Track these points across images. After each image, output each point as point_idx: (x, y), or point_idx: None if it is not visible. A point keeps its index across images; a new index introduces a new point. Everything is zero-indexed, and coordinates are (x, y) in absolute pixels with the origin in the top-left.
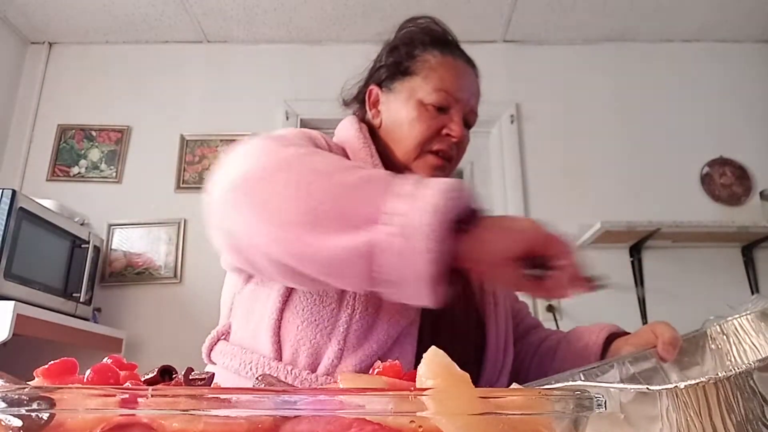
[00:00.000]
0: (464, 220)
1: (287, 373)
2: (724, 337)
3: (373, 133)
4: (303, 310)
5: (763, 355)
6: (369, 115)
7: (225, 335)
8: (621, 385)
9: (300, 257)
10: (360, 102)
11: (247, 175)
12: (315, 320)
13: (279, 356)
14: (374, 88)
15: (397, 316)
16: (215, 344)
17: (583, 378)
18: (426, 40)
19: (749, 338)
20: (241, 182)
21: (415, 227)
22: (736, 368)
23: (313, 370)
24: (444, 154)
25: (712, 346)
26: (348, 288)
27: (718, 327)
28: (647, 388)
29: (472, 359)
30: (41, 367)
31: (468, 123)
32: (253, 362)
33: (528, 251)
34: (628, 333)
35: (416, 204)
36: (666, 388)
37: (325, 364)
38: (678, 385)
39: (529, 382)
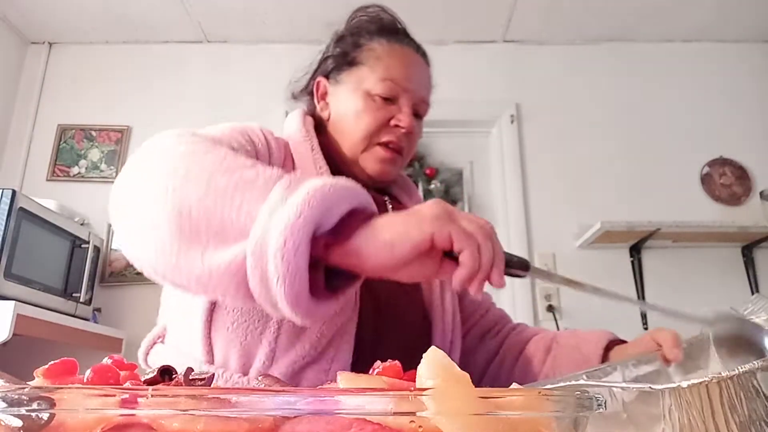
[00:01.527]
0: (352, 218)
1: (218, 377)
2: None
3: (323, 126)
4: (233, 312)
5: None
6: (318, 107)
7: (161, 338)
8: (623, 384)
9: (170, 271)
10: (309, 94)
11: (123, 182)
12: (245, 321)
13: (211, 359)
14: (321, 80)
15: (331, 315)
16: (151, 347)
17: (586, 379)
18: (372, 28)
19: None
20: (117, 191)
21: (266, 244)
22: (739, 368)
23: (245, 373)
24: (393, 146)
25: (718, 351)
26: (238, 304)
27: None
28: (650, 387)
29: (419, 351)
30: (41, 367)
31: (418, 113)
32: (186, 366)
33: (427, 248)
34: (625, 341)
35: (275, 216)
36: (669, 387)
37: (257, 366)
38: (681, 384)
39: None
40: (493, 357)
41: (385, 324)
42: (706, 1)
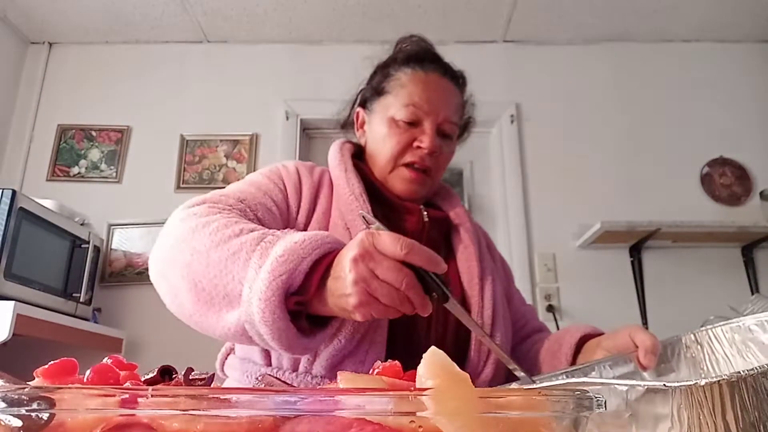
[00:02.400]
0: (320, 265)
1: (279, 377)
2: (699, 346)
3: (362, 153)
4: None
5: (735, 366)
6: (357, 135)
7: (232, 350)
8: (633, 382)
9: (203, 329)
10: (352, 125)
11: (155, 259)
12: None
13: (269, 362)
14: (360, 111)
15: (331, 336)
16: (225, 359)
17: (566, 378)
18: (401, 58)
19: (723, 348)
20: (152, 266)
21: (252, 314)
22: (757, 368)
23: (295, 369)
24: (418, 166)
25: (687, 355)
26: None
27: (692, 336)
28: (664, 385)
29: (451, 352)
30: (41, 367)
31: (444, 133)
32: (249, 371)
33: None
34: (602, 333)
35: (252, 290)
36: (683, 385)
37: (303, 363)
38: (698, 381)
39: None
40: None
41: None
42: (706, 2)
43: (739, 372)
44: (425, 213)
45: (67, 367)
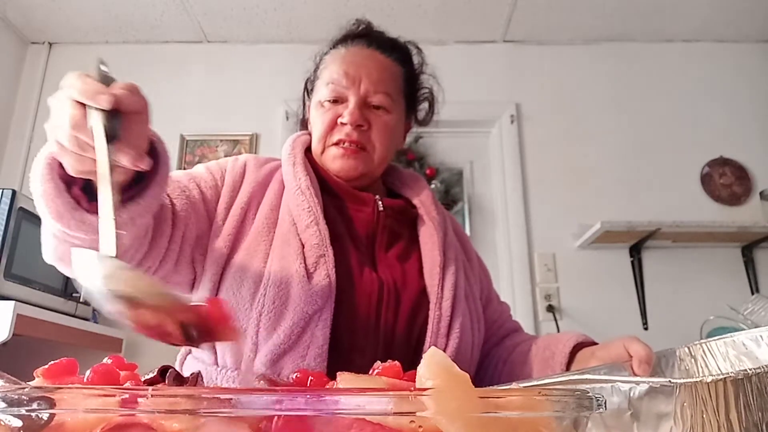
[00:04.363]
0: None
1: (222, 376)
2: (692, 359)
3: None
4: None
5: None
6: (309, 128)
7: (189, 352)
8: (638, 379)
9: (63, 258)
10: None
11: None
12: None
13: (215, 361)
14: (307, 103)
15: (301, 305)
16: (184, 359)
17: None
18: (332, 42)
19: (716, 362)
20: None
21: (33, 179)
22: (763, 367)
23: (238, 367)
24: (346, 143)
25: (681, 367)
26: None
27: (687, 349)
28: (669, 381)
29: (402, 343)
30: (41, 368)
31: (375, 105)
32: (203, 371)
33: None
34: (596, 343)
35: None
36: (688, 382)
37: (245, 360)
38: (703, 378)
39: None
40: (490, 362)
41: (367, 308)
42: (706, 1)
43: (745, 370)
44: (380, 202)
45: (67, 367)
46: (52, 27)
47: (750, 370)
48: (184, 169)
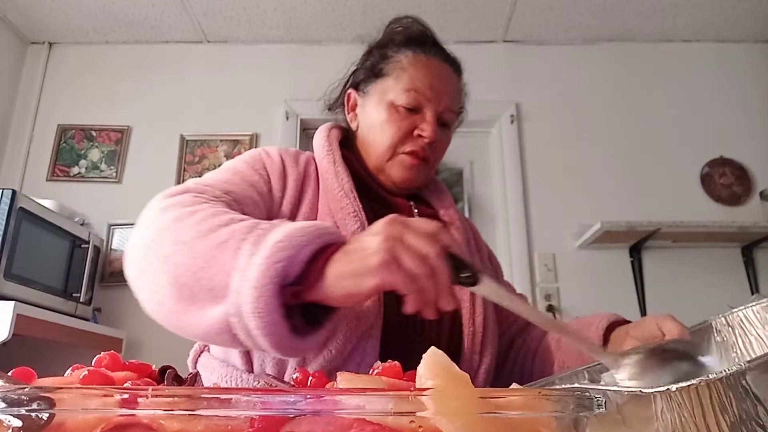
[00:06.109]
0: (319, 258)
1: (258, 385)
2: (730, 329)
3: (351, 137)
4: None
5: None
6: (348, 119)
7: (206, 347)
8: (614, 387)
9: (181, 330)
10: (341, 106)
11: (131, 252)
12: None
13: (250, 368)
14: (352, 92)
15: (354, 321)
16: (199, 356)
17: (587, 376)
18: (400, 39)
19: (755, 329)
20: (127, 259)
21: (242, 305)
22: (727, 369)
23: (277, 378)
24: (417, 155)
25: (718, 339)
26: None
27: (723, 319)
28: (641, 391)
29: (449, 351)
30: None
31: (444, 122)
32: (229, 375)
33: (377, 287)
34: (628, 321)
35: (244, 278)
36: (658, 391)
37: (290, 372)
38: (670, 387)
39: (533, 381)
40: (517, 354)
41: (413, 325)
42: (706, 1)
43: (713, 374)
44: (416, 210)
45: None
46: (52, 27)
47: (712, 375)
48: (184, 169)
